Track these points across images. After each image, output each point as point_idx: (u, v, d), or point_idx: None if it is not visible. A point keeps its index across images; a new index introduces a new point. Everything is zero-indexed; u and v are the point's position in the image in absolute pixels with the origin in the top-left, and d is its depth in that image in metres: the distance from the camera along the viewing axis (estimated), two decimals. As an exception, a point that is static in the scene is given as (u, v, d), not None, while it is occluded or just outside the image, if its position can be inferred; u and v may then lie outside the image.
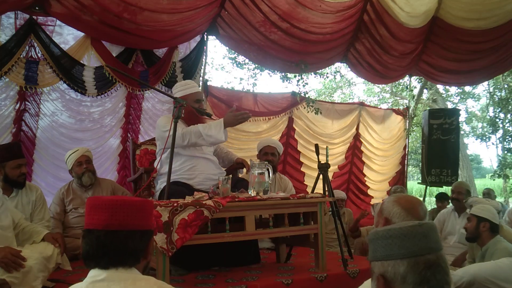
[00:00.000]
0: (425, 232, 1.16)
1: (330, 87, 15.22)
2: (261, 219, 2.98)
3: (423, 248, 1.14)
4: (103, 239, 1.24)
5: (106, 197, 1.32)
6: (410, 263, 1.13)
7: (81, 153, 3.50)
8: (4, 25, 3.91)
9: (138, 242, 1.28)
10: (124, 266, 1.26)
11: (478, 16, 5.73)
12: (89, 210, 1.29)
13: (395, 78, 7.12)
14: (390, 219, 1.69)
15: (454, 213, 4.13)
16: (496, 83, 12.53)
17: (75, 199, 3.49)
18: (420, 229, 1.16)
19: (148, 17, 4.13)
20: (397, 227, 1.19)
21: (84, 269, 2.75)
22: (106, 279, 1.23)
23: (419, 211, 1.69)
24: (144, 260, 1.32)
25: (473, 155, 24.59)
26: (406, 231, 1.16)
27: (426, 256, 1.14)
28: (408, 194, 4.68)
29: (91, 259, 1.26)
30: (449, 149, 6.61)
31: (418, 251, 1.14)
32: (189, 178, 2.98)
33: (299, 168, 6.17)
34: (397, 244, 1.16)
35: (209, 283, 2.53)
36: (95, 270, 1.26)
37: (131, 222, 1.27)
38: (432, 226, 1.19)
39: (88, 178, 3.48)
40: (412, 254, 1.14)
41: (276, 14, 4.82)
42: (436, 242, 1.17)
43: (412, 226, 1.17)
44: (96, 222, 1.26)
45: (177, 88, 3.22)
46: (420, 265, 1.12)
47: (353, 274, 2.76)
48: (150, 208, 1.39)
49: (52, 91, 4.13)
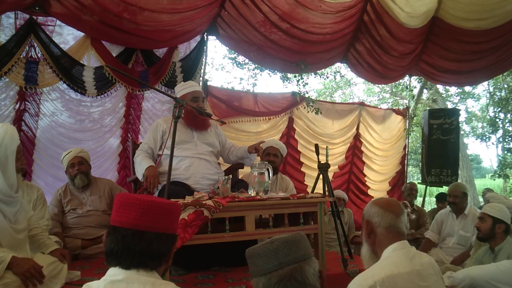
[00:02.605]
0: (276, 248, 1.25)
1: (330, 87, 15.23)
2: (261, 219, 2.98)
3: (274, 264, 1.23)
4: (130, 238, 1.21)
5: (137, 196, 1.28)
6: (266, 279, 1.23)
7: (74, 154, 3.49)
8: (4, 25, 3.91)
9: (163, 245, 1.26)
10: (146, 269, 1.23)
11: (478, 16, 5.72)
12: (118, 207, 1.26)
13: (395, 78, 7.12)
14: (371, 220, 1.75)
15: (452, 214, 4.13)
16: (496, 83, 12.53)
17: (73, 200, 3.49)
18: (270, 246, 1.25)
19: (148, 17, 4.13)
20: (255, 247, 1.28)
21: (84, 269, 2.77)
22: (125, 280, 1.20)
23: (397, 208, 1.75)
24: (165, 264, 1.29)
25: (473, 155, 24.59)
26: (259, 250, 1.26)
27: (278, 271, 1.22)
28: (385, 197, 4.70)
29: (114, 258, 1.23)
30: (449, 149, 6.61)
31: (270, 267, 1.23)
32: (186, 177, 3.00)
33: (299, 168, 6.17)
34: (254, 263, 1.27)
35: (209, 283, 2.53)
36: (115, 269, 1.23)
37: (159, 225, 1.25)
38: (284, 241, 1.26)
39: (80, 180, 3.46)
40: (265, 271, 1.24)
41: (276, 14, 4.81)
42: (288, 255, 1.24)
43: (264, 245, 1.27)
44: (124, 220, 1.23)
45: (177, 89, 3.31)
46: (273, 280, 1.22)
47: (353, 274, 2.76)
48: (178, 212, 1.37)
49: (52, 91, 4.12)
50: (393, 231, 1.70)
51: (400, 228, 1.72)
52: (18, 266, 2.08)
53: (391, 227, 1.70)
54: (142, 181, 3.00)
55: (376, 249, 1.73)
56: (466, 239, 3.93)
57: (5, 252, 2.09)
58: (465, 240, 3.94)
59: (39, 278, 2.15)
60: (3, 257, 2.06)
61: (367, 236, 1.76)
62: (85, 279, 2.52)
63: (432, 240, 4.15)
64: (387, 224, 1.70)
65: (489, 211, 2.98)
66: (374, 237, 1.73)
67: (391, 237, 1.70)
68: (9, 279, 2.06)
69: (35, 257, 2.30)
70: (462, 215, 4.04)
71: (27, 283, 2.10)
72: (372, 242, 1.75)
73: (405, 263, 1.61)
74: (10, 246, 2.17)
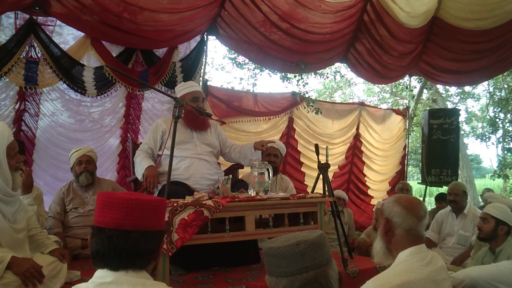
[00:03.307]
0: (302, 251, 1.20)
1: (330, 87, 15.23)
2: (261, 219, 2.98)
3: (299, 267, 1.19)
4: (116, 239, 1.18)
5: (121, 194, 1.23)
6: (288, 281, 1.19)
7: (83, 152, 3.52)
8: (4, 25, 3.91)
9: (151, 243, 1.22)
10: (135, 269, 1.20)
11: (478, 16, 5.72)
12: (101, 207, 1.22)
13: (395, 78, 7.12)
14: (391, 219, 1.69)
15: (452, 214, 4.13)
16: (496, 83, 12.54)
17: (75, 199, 3.50)
18: (296, 248, 1.20)
19: (148, 17, 4.13)
20: (276, 246, 1.23)
21: (84, 269, 2.77)
22: (114, 282, 1.17)
23: (419, 210, 1.69)
24: (154, 261, 1.26)
25: (473, 155, 24.61)
26: (283, 251, 1.21)
27: (302, 275, 1.18)
28: (407, 194, 4.67)
29: (101, 259, 1.20)
30: (449, 149, 6.61)
31: (294, 270, 1.18)
32: (185, 177, 3.00)
33: (299, 168, 6.17)
34: (275, 263, 1.22)
35: (209, 283, 2.53)
36: (103, 271, 1.20)
37: (145, 223, 1.21)
38: (311, 243, 1.21)
39: (85, 178, 3.48)
40: (287, 274, 1.19)
41: (276, 14, 4.81)
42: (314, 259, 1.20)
43: (289, 246, 1.21)
44: (108, 220, 1.19)
45: (177, 89, 3.31)
46: (296, 284, 1.18)
47: (353, 274, 2.76)
48: (164, 208, 1.33)
49: (51, 91, 4.12)
50: (412, 234, 1.65)
51: (420, 232, 1.67)
52: (18, 266, 2.07)
53: (412, 230, 1.65)
54: (141, 181, 3.00)
55: (392, 248, 1.70)
56: (466, 239, 3.93)
57: (4, 252, 2.08)
58: (465, 240, 3.94)
59: (39, 278, 2.14)
60: (2, 257, 2.05)
61: (384, 234, 1.71)
62: (85, 279, 2.51)
63: (432, 240, 4.15)
64: (407, 227, 1.65)
65: (493, 212, 2.92)
66: (391, 236, 1.69)
67: (410, 240, 1.65)
68: (9, 279, 2.05)
69: (34, 257, 2.30)
70: (462, 215, 4.04)
71: (27, 283, 2.09)
72: (388, 240, 1.70)
73: (421, 269, 1.57)
74: (10, 245, 2.16)
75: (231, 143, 3.50)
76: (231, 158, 3.49)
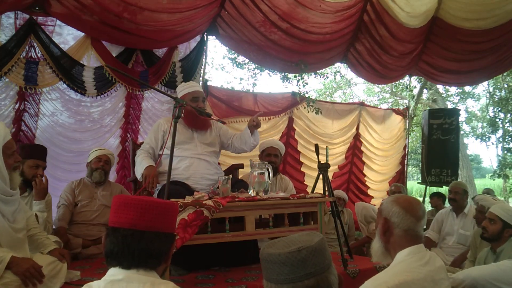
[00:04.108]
0: (304, 258, 1.17)
1: (330, 87, 15.23)
2: (261, 219, 2.98)
3: (300, 275, 1.16)
4: (130, 239, 1.23)
5: (135, 197, 1.30)
6: None
7: (105, 152, 3.70)
8: (4, 25, 3.90)
9: (163, 244, 1.28)
10: (145, 268, 1.24)
11: (478, 16, 5.72)
12: (116, 208, 1.27)
13: (395, 78, 7.12)
14: (389, 219, 1.70)
15: (452, 213, 4.13)
16: (496, 83, 12.53)
17: (84, 191, 3.58)
18: (298, 255, 1.17)
19: (148, 17, 4.12)
20: (277, 252, 1.20)
21: (84, 269, 2.77)
22: (125, 279, 1.21)
23: (418, 211, 1.70)
24: (164, 264, 1.31)
25: (473, 155, 24.61)
26: (284, 258, 1.18)
27: (303, 282, 1.16)
28: (406, 194, 4.67)
29: (115, 258, 1.24)
30: (449, 149, 6.61)
31: (295, 278, 1.16)
32: (185, 177, 3.00)
33: (299, 168, 6.17)
34: (275, 271, 1.19)
35: (209, 283, 2.53)
36: (115, 269, 1.24)
37: (158, 224, 1.26)
38: (313, 250, 1.19)
39: (99, 175, 3.60)
40: (288, 281, 1.17)
41: (276, 14, 4.81)
42: (316, 265, 1.17)
43: (290, 253, 1.18)
44: (123, 220, 1.24)
45: (178, 89, 3.33)
46: None
47: (353, 274, 2.76)
48: (176, 211, 1.39)
49: (51, 91, 4.12)
50: (411, 234, 1.66)
51: (419, 232, 1.68)
52: (18, 265, 2.07)
53: (410, 230, 1.66)
54: (141, 180, 3.00)
55: (390, 248, 1.71)
56: (466, 238, 3.93)
57: (4, 251, 2.08)
58: (465, 239, 3.94)
59: (39, 277, 2.14)
60: (2, 256, 2.05)
61: (382, 233, 1.72)
62: (85, 279, 2.51)
63: (432, 239, 4.15)
64: (406, 227, 1.66)
65: (501, 214, 2.86)
66: (389, 236, 1.70)
67: (408, 240, 1.66)
68: (9, 278, 2.05)
69: (34, 257, 2.29)
70: (462, 214, 4.05)
71: (27, 282, 2.09)
72: (386, 240, 1.71)
73: (420, 268, 1.58)
74: (9, 245, 2.16)
75: (232, 133, 3.47)
76: (235, 148, 3.42)
